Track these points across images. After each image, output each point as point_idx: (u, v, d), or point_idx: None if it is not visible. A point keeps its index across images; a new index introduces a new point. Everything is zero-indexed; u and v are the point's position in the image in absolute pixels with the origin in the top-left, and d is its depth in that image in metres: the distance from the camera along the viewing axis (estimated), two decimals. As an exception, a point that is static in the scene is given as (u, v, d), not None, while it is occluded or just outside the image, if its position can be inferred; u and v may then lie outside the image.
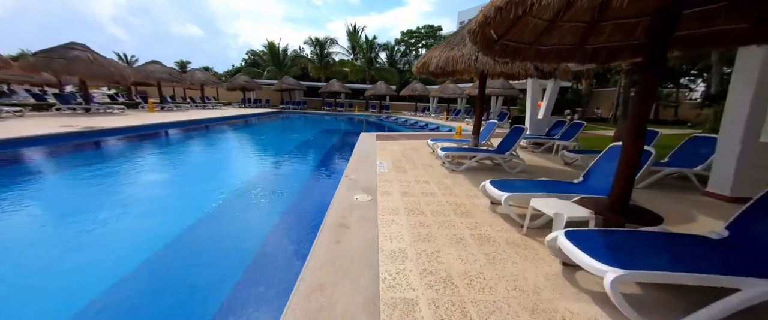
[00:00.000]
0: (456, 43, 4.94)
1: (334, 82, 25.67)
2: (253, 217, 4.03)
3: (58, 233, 3.34)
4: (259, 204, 4.46)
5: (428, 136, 10.07)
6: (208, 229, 3.60)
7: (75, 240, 3.16)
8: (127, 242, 3.13)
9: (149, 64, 16.64)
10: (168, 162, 6.94)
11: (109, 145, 8.30)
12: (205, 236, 3.43)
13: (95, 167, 6.31)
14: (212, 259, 2.97)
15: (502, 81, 14.61)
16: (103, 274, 2.54)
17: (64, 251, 2.95)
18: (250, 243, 3.24)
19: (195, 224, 3.60)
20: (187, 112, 17.04)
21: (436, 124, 16.92)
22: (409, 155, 6.52)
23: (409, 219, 3.00)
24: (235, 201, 4.44)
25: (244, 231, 3.58)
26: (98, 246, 3.04)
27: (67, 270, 2.63)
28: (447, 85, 19.99)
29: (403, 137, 9.68)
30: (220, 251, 3.14)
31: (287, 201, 4.55)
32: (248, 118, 17.58)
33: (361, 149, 6.96)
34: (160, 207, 4.24)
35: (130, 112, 14.63)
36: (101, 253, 2.92)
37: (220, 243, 3.27)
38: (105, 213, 3.86)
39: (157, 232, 3.37)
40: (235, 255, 3.05)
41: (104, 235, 3.24)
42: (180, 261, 2.90)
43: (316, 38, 29.75)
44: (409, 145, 7.89)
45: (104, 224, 3.49)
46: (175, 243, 3.13)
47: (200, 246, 3.22)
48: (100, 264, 2.73)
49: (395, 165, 5.41)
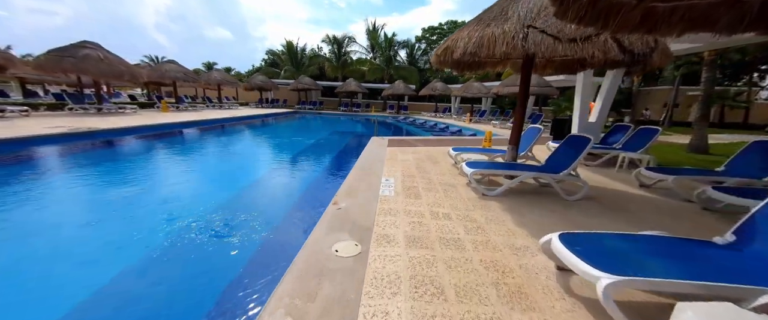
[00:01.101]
0: (493, 18, 3.52)
1: (350, 81, 24.70)
2: (183, 275, 2.66)
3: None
4: (200, 248, 3.09)
5: (449, 143, 8.62)
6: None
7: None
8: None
9: (164, 64, 16.49)
10: (138, 171, 6.05)
11: (93, 147, 7.67)
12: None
13: (69, 172, 5.56)
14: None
15: (536, 77, 12.74)
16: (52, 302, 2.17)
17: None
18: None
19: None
20: (200, 112, 16.72)
21: (457, 127, 15.32)
22: (425, 168, 5.16)
23: (416, 308, 1.69)
24: (171, 242, 3.10)
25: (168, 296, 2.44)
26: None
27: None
28: (471, 83, 18.27)
29: (420, 142, 8.30)
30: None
31: (248, 247, 3.10)
32: (258, 118, 16.97)
33: (367, 158, 5.70)
34: (95, 234, 3.23)
35: (144, 112, 14.43)
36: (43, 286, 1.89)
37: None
38: (52, 233, 2.91)
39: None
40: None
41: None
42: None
43: (333, 36, 29.01)
44: (425, 154, 6.52)
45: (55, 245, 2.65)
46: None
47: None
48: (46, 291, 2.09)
49: (405, 185, 4.09)
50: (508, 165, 4.31)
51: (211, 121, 13.12)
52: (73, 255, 2.89)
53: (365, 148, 6.79)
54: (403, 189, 3.91)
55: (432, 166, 5.37)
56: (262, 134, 12.65)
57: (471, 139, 10.35)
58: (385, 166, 5.16)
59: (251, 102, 27.19)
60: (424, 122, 18.03)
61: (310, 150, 9.12)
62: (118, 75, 12.09)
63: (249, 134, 12.05)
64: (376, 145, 7.41)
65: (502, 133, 12.22)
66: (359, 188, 3.87)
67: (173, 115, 13.99)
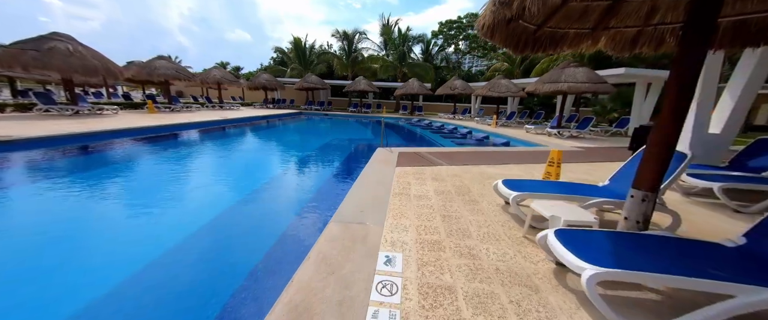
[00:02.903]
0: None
1: (360, 79, 22.67)
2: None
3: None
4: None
5: (483, 158, 6.30)
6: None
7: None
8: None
9: (154, 61, 14.99)
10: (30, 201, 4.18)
11: (27, 158, 5.95)
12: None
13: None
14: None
15: (586, 70, 10.16)
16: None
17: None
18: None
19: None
20: (193, 113, 15.17)
21: (483, 132, 12.90)
22: (457, 215, 2.97)
23: None
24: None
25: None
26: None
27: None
28: (499, 80, 15.75)
29: (442, 157, 6.04)
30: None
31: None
32: (251, 121, 15.18)
33: (363, 193, 3.57)
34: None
35: (127, 114, 12.96)
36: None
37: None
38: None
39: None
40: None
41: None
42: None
43: (343, 31, 27.03)
44: (453, 182, 4.30)
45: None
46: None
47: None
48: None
49: (424, 274, 1.95)
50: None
51: (187, 126, 11.36)
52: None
53: (364, 171, 4.65)
54: (422, 287, 1.76)
55: (468, 211, 3.16)
56: (244, 146, 9.99)
57: (513, 153, 7.96)
58: (390, 213, 3.01)
59: (256, 102, 25.71)
60: (442, 126, 15.69)
61: (285, 178, 6.09)
62: (91, 71, 10.57)
63: (222, 144, 9.76)
64: (380, 162, 5.26)
65: (546, 142, 9.73)
66: (325, 291, 1.73)
67: (158, 117, 12.41)
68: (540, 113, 17.54)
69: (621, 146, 8.84)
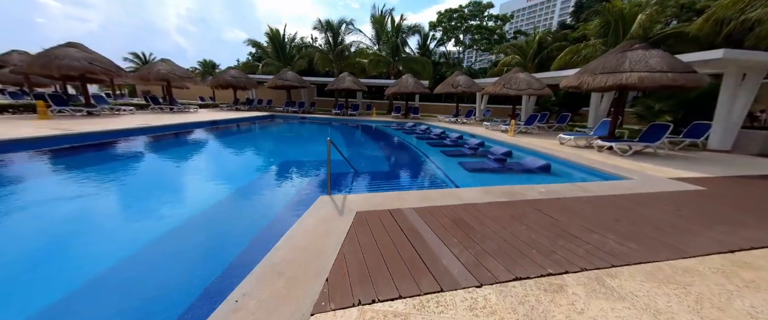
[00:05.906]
0: None
1: (344, 76, 19.07)
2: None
3: None
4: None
5: (538, 225, 1.98)
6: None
7: None
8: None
9: (59, 48, 11.17)
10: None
11: None
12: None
13: None
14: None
15: (663, 54, 6.62)
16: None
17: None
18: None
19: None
20: (118, 117, 11.52)
21: (500, 144, 9.28)
22: None
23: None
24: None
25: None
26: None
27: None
28: (515, 74, 12.20)
29: (449, 230, 2.43)
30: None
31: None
32: (186, 129, 11.54)
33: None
34: None
35: (11, 118, 9.27)
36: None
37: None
38: None
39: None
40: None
41: None
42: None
43: (327, 21, 23.36)
44: None
45: None
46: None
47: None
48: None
49: None
50: None
51: (86, 136, 7.73)
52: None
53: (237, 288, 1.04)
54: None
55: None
56: (137, 168, 6.51)
57: (594, 203, 4.34)
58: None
59: (223, 104, 22.01)
60: (442, 133, 12.09)
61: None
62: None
63: (112, 166, 6.31)
64: (298, 250, 1.64)
65: (612, 164, 6.10)
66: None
67: (45, 125, 8.73)
68: (565, 116, 13.99)
69: (750, 173, 5.28)
